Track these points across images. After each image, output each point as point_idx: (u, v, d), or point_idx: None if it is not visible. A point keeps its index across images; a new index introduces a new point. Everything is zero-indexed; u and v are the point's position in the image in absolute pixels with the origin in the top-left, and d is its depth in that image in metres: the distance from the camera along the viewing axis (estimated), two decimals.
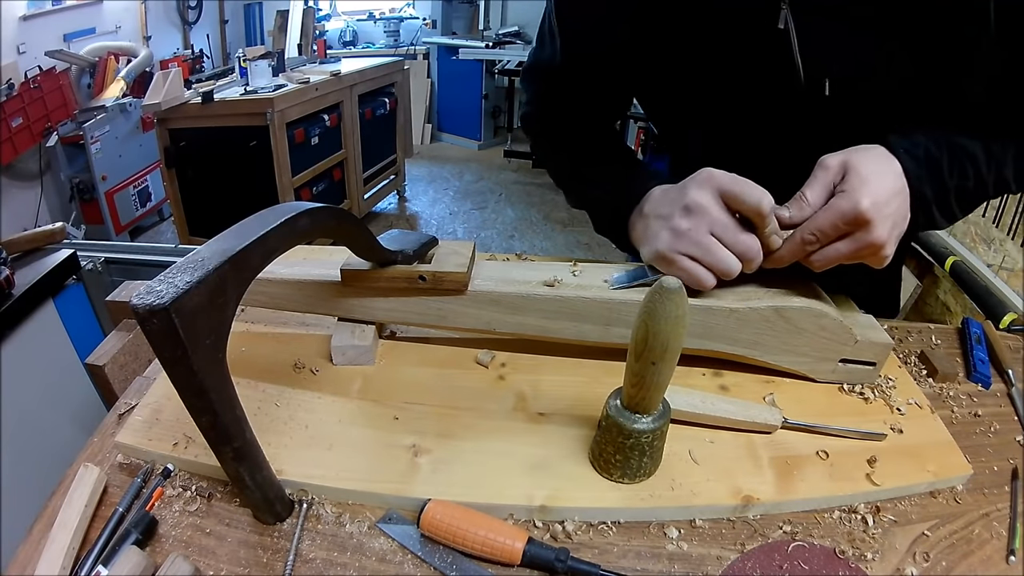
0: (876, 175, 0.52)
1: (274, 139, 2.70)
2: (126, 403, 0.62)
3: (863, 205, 0.50)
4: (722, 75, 0.65)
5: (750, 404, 0.57)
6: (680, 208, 0.56)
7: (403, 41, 5.38)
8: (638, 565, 0.47)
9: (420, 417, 0.58)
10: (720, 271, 0.55)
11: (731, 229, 0.55)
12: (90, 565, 0.44)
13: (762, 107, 0.65)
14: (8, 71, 3.01)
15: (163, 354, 0.37)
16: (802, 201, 0.54)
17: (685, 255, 0.56)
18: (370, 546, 0.48)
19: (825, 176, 0.53)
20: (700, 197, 0.55)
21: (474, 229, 3.85)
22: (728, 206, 0.55)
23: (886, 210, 0.52)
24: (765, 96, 0.64)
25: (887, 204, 0.52)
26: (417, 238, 0.63)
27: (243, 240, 0.41)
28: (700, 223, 0.55)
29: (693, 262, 0.56)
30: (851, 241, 0.53)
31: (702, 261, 0.56)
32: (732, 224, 0.55)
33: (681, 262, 0.56)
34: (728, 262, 0.55)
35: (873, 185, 0.51)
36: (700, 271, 0.56)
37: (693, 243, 0.55)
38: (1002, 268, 1.43)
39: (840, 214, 0.51)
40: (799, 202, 0.54)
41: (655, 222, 0.59)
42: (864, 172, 0.52)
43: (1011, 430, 0.62)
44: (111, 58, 3.60)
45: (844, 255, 0.54)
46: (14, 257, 1.24)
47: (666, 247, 0.57)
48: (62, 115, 3.25)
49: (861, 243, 0.52)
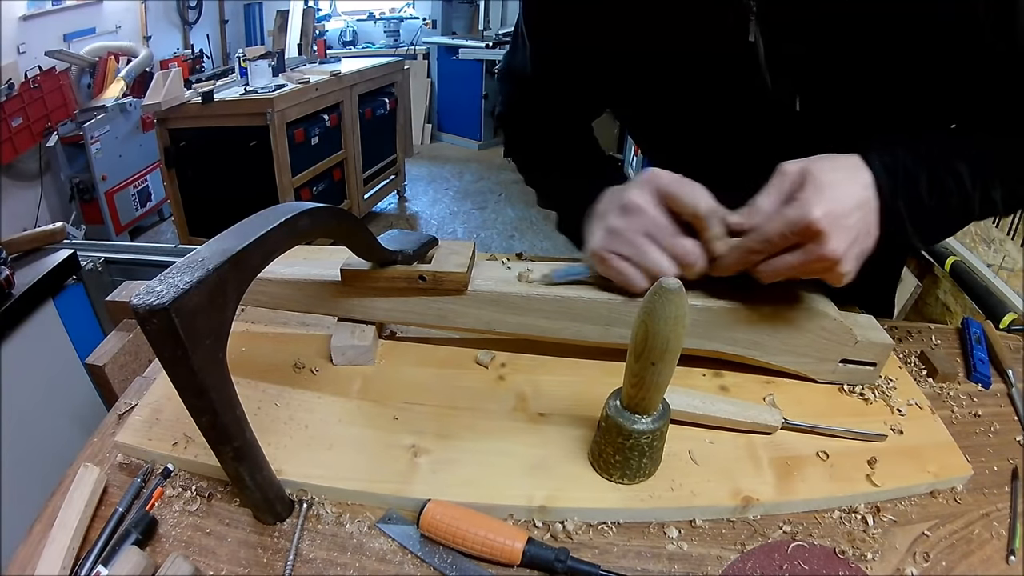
0: (837, 184, 0.48)
1: (274, 139, 2.70)
2: (126, 403, 0.62)
3: (814, 214, 0.46)
4: (693, 87, 0.63)
5: (750, 404, 0.57)
6: (617, 207, 0.55)
7: (403, 41, 5.38)
8: (638, 565, 0.47)
9: (420, 417, 0.58)
10: (652, 273, 0.54)
11: (667, 231, 0.53)
12: (90, 565, 0.44)
13: (734, 119, 0.64)
14: (8, 71, 3.01)
15: (163, 354, 0.37)
16: (753, 208, 0.51)
17: (617, 254, 0.55)
18: (370, 546, 0.48)
19: (782, 183, 0.50)
20: (638, 197, 0.53)
21: (474, 229, 3.85)
22: (668, 208, 0.53)
23: (844, 222, 0.48)
24: (736, 108, 0.63)
25: (846, 216, 0.48)
26: (417, 238, 0.63)
27: (243, 240, 0.41)
28: (634, 223, 0.53)
29: (625, 262, 0.55)
30: (802, 253, 0.49)
31: (634, 261, 0.54)
32: (669, 226, 0.53)
33: (612, 261, 0.55)
34: (660, 264, 0.53)
35: (830, 194, 0.47)
36: (631, 272, 0.54)
37: (626, 243, 0.54)
38: (1002, 268, 1.43)
39: (789, 223, 0.48)
40: (750, 208, 0.51)
41: (596, 221, 0.58)
42: (823, 180, 0.48)
43: (1011, 430, 0.61)
44: (111, 58, 3.60)
45: (793, 267, 0.50)
46: (14, 257, 1.24)
47: (599, 245, 0.55)
48: (62, 115, 3.25)
49: (812, 255, 0.48)
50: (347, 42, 5.40)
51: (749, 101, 0.61)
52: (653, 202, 0.53)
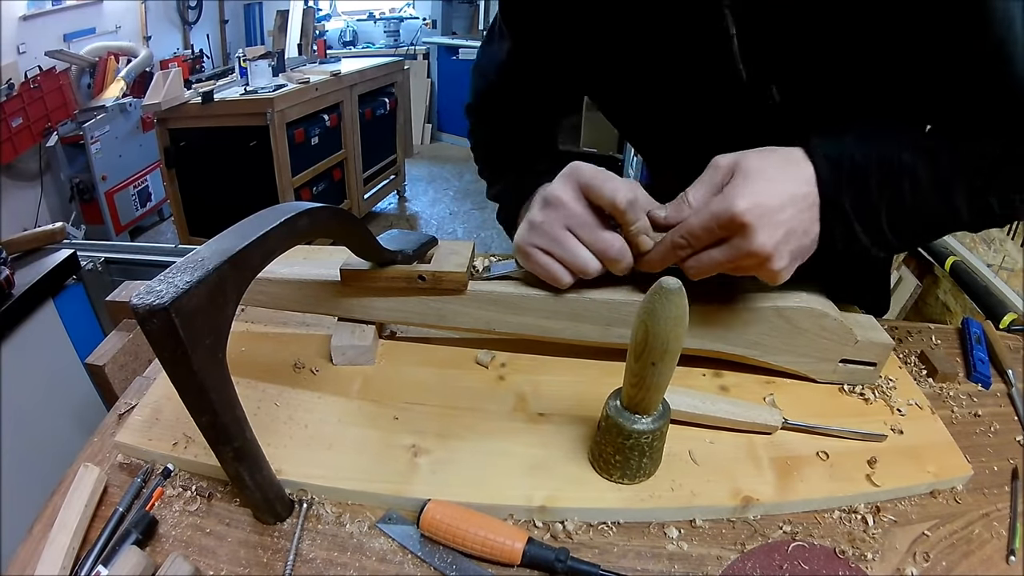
0: (768, 177, 0.46)
1: (274, 139, 2.70)
2: (126, 403, 0.62)
3: (738, 207, 0.45)
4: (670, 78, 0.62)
5: (750, 404, 0.57)
6: (539, 201, 0.54)
7: (403, 41, 5.37)
8: (638, 565, 0.47)
9: (420, 417, 0.58)
10: (575, 267, 0.53)
11: (588, 225, 0.52)
12: (90, 565, 0.44)
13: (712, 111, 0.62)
14: (8, 71, 3.01)
15: (163, 354, 0.37)
16: (682, 202, 0.49)
17: (539, 249, 0.54)
18: (370, 546, 0.48)
19: (713, 176, 0.49)
20: (560, 191, 0.52)
21: (474, 229, 3.85)
22: (590, 202, 0.52)
23: (775, 216, 0.46)
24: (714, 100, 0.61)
25: (777, 210, 0.46)
26: (417, 238, 0.63)
27: (243, 240, 0.41)
28: (555, 217, 0.52)
29: (547, 256, 0.54)
30: (728, 248, 0.47)
31: (556, 256, 0.54)
32: (591, 220, 0.52)
33: (535, 255, 0.54)
34: (583, 258, 0.52)
35: (759, 187, 0.46)
36: (554, 266, 0.54)
37: (547, 237, 0.53)
38: (1002, 268, 1.43)
39: (712, 216, 0.46)
40: (679, 202, 0.50)
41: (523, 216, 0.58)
42: (752, 172, 0.46)
43: (1011, 430, 0.62)
44: (111, 58, 3.60)
45: (720, 263, 0.48)
46: (14, 257, 1.24)
47: (521, 240, 0.55)
48: (62, 115, 3.25)
49: (739, 251, 0.47)
50: (347, 42, 5.40)
51: (726, 92, 0.59)
52: (574, 196, 0.52)
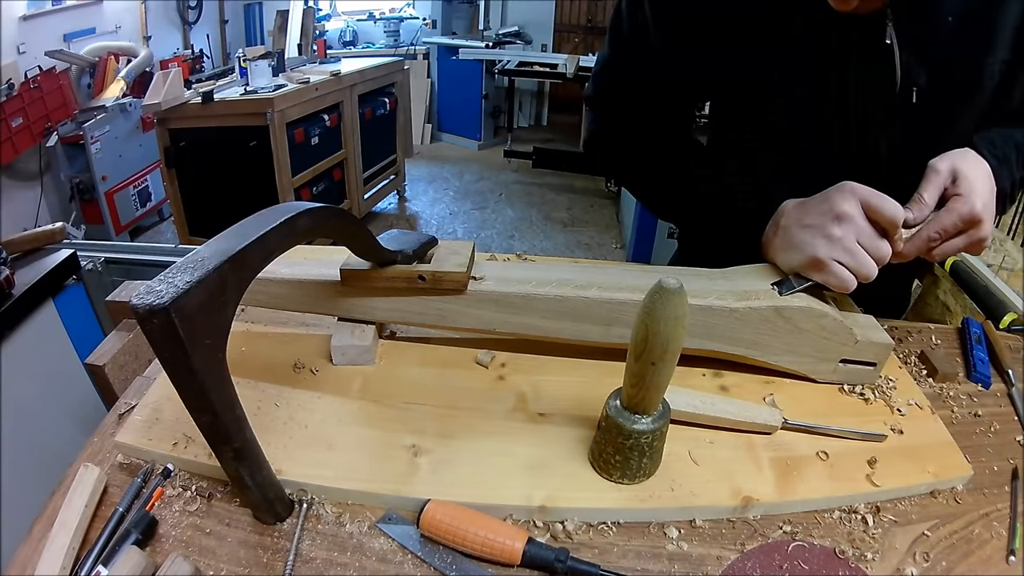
0: (979, 179, 0.60)
1: (274, 139, 2.70)
2: (126, 403, 0.62)
3: (978, 207, 0.58)
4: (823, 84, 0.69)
5: (750, 404, 0.57)
6: (832, 218, 0.60)
7: (403, 41, 5.37)
8: (638, 565, 0.47)
9: (420, 417, 0.58)
10: (862, 275, 0.59)
11: (871, 236, 0.60)
12: (90, 565, 0.44)
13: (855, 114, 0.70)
14: (8, 71, 3.01)
15: (163, 354, 0.37)
16: (921, 203, 0.60)
17: (836, 261, 0.60)
18: (370, 546, 0.48)
19: (938, 179, 0.60)
20: (849, 208, 0.59)
21: (474, 229, 3.85)
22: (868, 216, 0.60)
23: (990, 208, 0.60)
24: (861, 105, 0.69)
25: (990, 203, 0.60)
26: (417, 238, 0.63)
27: (243, 240, 0.41)
28: (850, 231, 0.59)
29: (842, 267, 0.60)
30: (966, 237, 0.60)
31: (848, 265, 0.59)
32: (872, 232, 0.60)
33: (833, 267, 0.59)
34: (870, 267, 0.59)
35: (979, 188, 0.59)
36: (847, 275, 0.59)
37: (845, 250, 0.59)
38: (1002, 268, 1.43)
39: (960, 216, 0.59)
40: (919, 204, 0.60)
41: (803, 232, 0.62)
42: (972, 177, 0.59)
43: (1011, 430, 0.62)
44: (111, 58, 3.60)
45: (959, 248, 0.61)
46: (14, 257, 1.24)
47: (824, 254, 0.60)
48: (62, 115, 3.25)
49: (973, 239, 0.60)
50: (347, 42, 5.40)
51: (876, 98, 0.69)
52: (860, 211, 0.60)
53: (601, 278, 0.62)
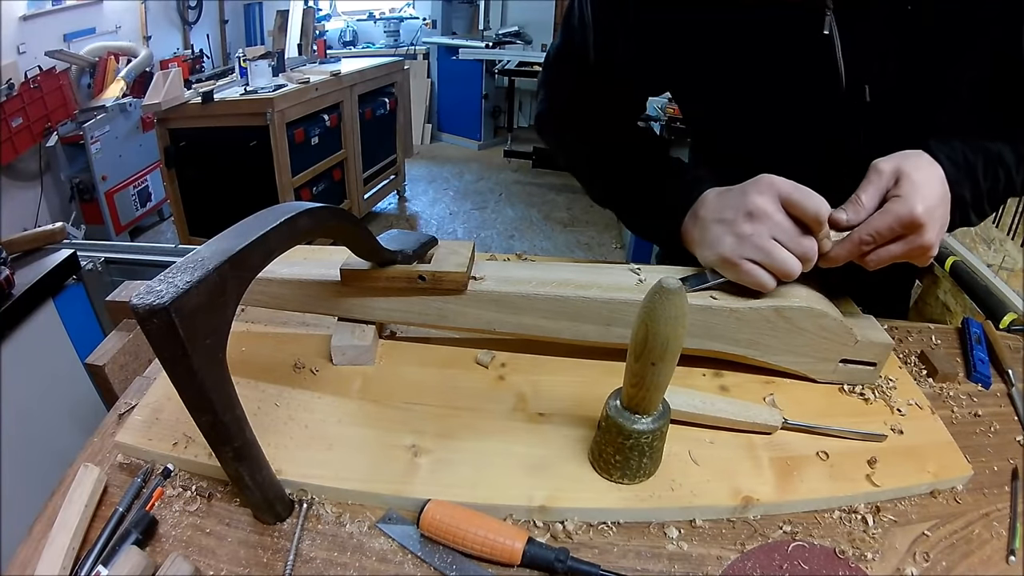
0: (926, 181, 0.55)
1: (274, 139, 2.70)
2: (126, 403, 0.62)
3: (918, 210, 0.53)
4: (762, 77, 0.66)
5: (750, 404, 0.57)
6: (743, 213, 0.57)
7: (403, 41, 5.37)
8: (638, 565, 0.47)
9: (420, 417, 0.58)
10: (781, 273, 0.57)
11: (791, 233, 0.56)
12: (90, 565, 0.44)
13: (800, 109, 0.67)
14: (8, 71, 3.01)
15: (163, 354, 0.37)
16: (858, 204, 0.56)
17: (748, 259, 0.57)
18: (370, 546, 0.48)
19: (879, 180, 0.56)
20: (763, 203, 0.56)
21: (474, 229, 3.85)
22: (787, 211, 0.57)
23: (935, 213, 0.55)
24: (804, 99, 0.66)
25: (936, 208, 0.55)
26: (417, 238, 0.63)
27: (243, 240, 0.41)
28: (763, 228, 0.56)
29: (756, 265, 0.57)
30: (904, 243, 0.55)
31: (764, 264, 0.57)
32: (792, 228, 0.56)
33: (744, 266, 0.57)
34: (789, 264, 0.56)
35: (925, 191, 0.54)
36: (763, 274, 0.57)
37: (756, 247, 0.57)
38: (1002, 268, 1.43)
39: (897, 218, 0.54)
40: (855, 205, 0.56)
41: (716, 227, 0.60)
42: (916, 179, 0.55)
43: (1011, 430, 0.61)
44: (111, 58, 3.60)
45: (896, 255, 0.56)
46: (14, 257, 1.24)
47: (730, 251, 0.58)
48: (62, 115, 3.25)
49: (913, 245, 0.55)
50: (347, 42, 5.40)
51: (819, 91, 0.65)
52: (777, 207, 0.56)
53: (601, 278, 0.62)
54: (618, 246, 3.60)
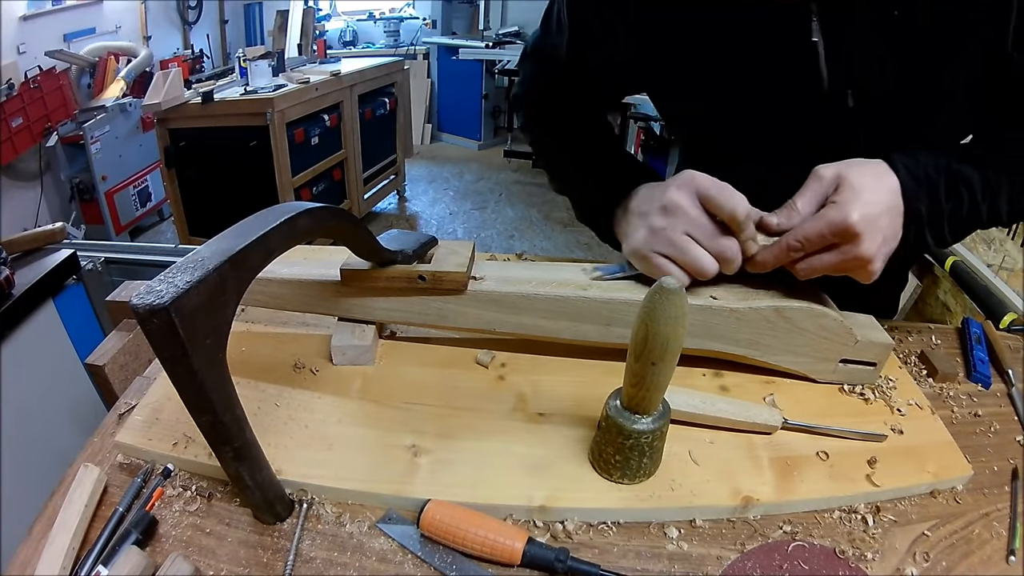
0: (870, 189, 0.52)
1: (274, 139, 2.70)
2: (126, 403, 0.62)
3: (852, 218, 0.50)
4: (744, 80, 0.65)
5: (750, 404, 0.57)
6: (658, 207, 0.56)
7: (403, 41, 5.37)
8: (638, 565, 0.47)
9: (420, 417, 0.58)
10: (694, 270, 0.56)
11: (707, 230, 0.55)
12: (90, 565, 0.44)
13: (781, 113, 0.66)
14: (8, 71, 3.01)
15: (163, 354, 0.37)
16: (792, 209, 0.54)
17: (659, 253, 0.56)
18: (370, 546, 0.48)
19: (818, 186, 0.54)
20: (678, 197, 0.55)
21: (474, 229, 3.85)
22: (707, 209, 0.55)
23: (877, 224, 0.52)
24: (785, 103, 0.65)
25: (878, 219, 0.52)
26: (417, 238, 0.63)
27: (243, 240, 0.41)
28: (676, 223, 0.55)
29: (666, 260, 0.56)
30: (838, 253, 0.53)
31: (676, 260, 0.56)
32: (709, 226, 0.55)
33: (654, 259, 0.57)
34: (702, 261, 0.55)
35: (865, 198, 0.51)
36: (673, 269, 0.56)
37: (667, 242, 0.56)
38: (1002, 268, 1.43)
39: (828, 224, 0.51)
40: (789, 210, 0.54)
41: (635, 219, 0.60)
42: (857, 185, 0.52)
43: (1011, 430, 0.61)
44: (111, 58, 3.60)
45: (829, 266, 0.53)
46: (14, 257, 1.24)
47: (641, 244, 0.57)
48: (62, 115, 3.25)
49: (848, 255, 0.52)
50: (347, 42, 5.40)
51: (803, 95, 0.63)
52: (693, 203, 0.55)
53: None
54: None
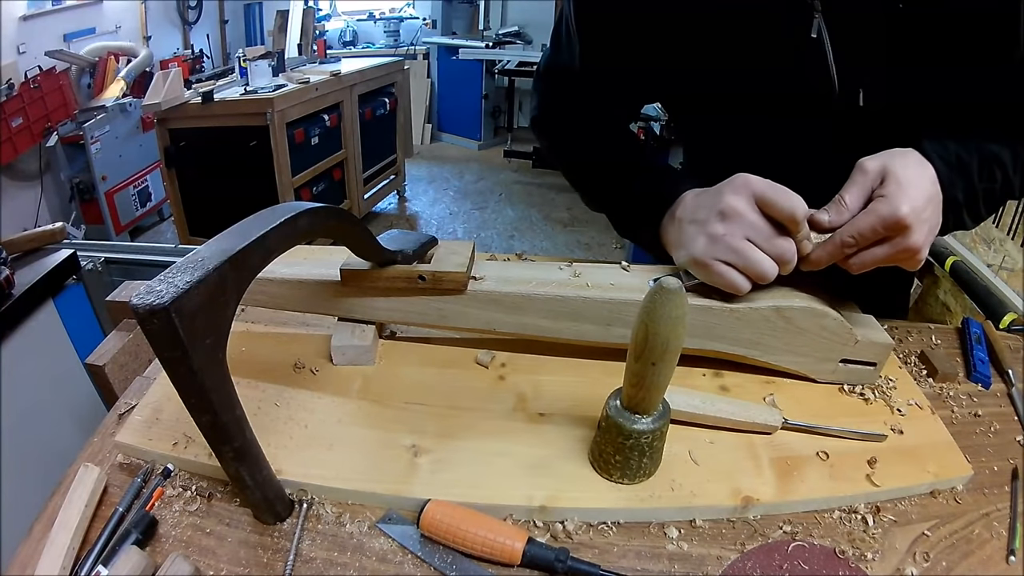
0: (914, 181, 0.52)
1: (274, 139, 2.70)
2: (126, 403, 0.62)
3: (903, 211, 0.51)
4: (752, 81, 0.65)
5: (750, 404, 0.57)
6: (716, 213, 0.56)
7: (403, 41, 5.37)
8: (638, 565, 0.47)
9: (420, 417, 0.58)
10: (756, 275, 0.55)
11: (766, 234, 0.55)
12: (90, 565, 0.44)
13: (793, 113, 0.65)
14: (8, 71, 3.01)
15: (163, 354, 0.37)
16: (841, 205, 0.54)
17: (721, 260, 0.56)
18: (370, 546, 0.48)
19: (864, 180, 0.54)
20: (736, 203, 0.55)
21: (474, 229, 3.85)
22: (763, 211, 0.55)
23: (923, 215, 0.52)
24: (796, 103, 0.64)
25: (924, 210, 0.52)
26: (417, 238, 0.63)
27: (243, 240, 0.41)
28: (736, 228, 0.55)
29: (728, 267, 0.56)
30: (889, 246, 0.53)
31: (737, 266, 0.55)
32: (767, 229, 0.55)
33: (716, 267, 0.56)
34: (764, 265, 0.55)
35: (911, 191, 0.52)
36: (735, 276, 0.56)
37: (729, 248, 0.55)
38: (1002, 268, 1.43)
39: (880, 219, 0.52)
40: (838, 206, 0.54)
41: (690, 227, 0.59)
42: (902, 178, 0.52)
43: (1011, 430, 0.61)
44: (111, 58, 3.60)
45: (881, 259, 0.54)
46: (14, 257, 1.24)
47: (702, 252, 0.57)
48: (62, 115, 3.25)
49: (899, 248, 0.53)
50: (347, 42, 5.40)
51: (812, 95, 0.63)
52: (751, 206, 0.55)
53: (601, 278, 0.62)
54: (618, 246, 3.60)
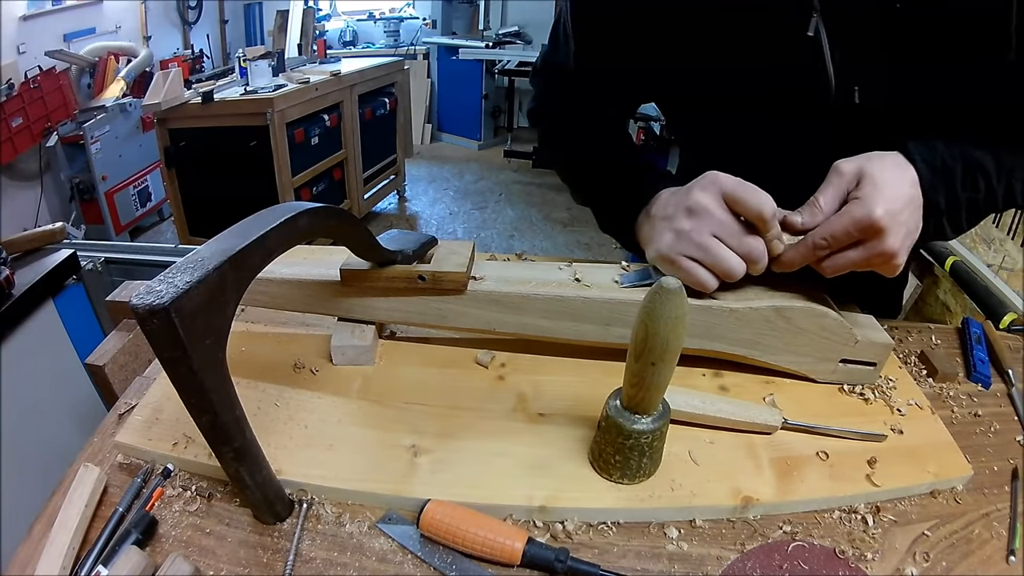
0: (891, 183, 0.52)
1: (274, 139, 2.70)
2: (126, 403, 0.62)
3: (877, 213, 0.50)
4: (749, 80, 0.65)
5: (750, 404, 0.57)
6: (683, 210, 0.56)
7: (403, 41, 5.37)
8: (638, 565, 0.47)
9: (420, 417, 0.58)
10: (722, 271, 0.55)
11: (734, 231, 0.54)
12: (90, 565, 0.44)
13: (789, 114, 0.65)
14: (8, 71, 3.01)
15: (163, 354, 0.37)
16: (815, 207, 0.54)
17: (686, 256, 0.56)
18: (370, 546, 0.48)
19: (840, 182, 0.53)
20: (703, 199, 0.55)
21: (474, 229, 3.85)
22: (732, 209, 0.55)
23: (899, 218, 0.51)
24: (792, 102, 0.64)
25: (900, 213, 0.52)
26: (417, 238, 0.63)
27: (243, 240, 0.41)
28: (702, 225, 0.55)
29: (694, 263, 0.56)
30: (863, 249, 0.52)
31: (703, 262, 0.55)
32: (735, 226, 0.54)
33: (682, 263, 0.56)
34: (730, 263, 0.54)
35: (888, 193, 0.51)
36: (701, 272, 0.56)
37: (694, 244, 0.55)
38: (1002, 268, 1.43)
39: (853, 221, 0.51)
40: (812, 207, 0.54)
41: (660, 223, 0.59)
42: (879, 180, 0.51)
43: (1011, 430, 0.61)
44: (111, 58, 3.60)
45: (855, 262, 0.53)
46: (14, 257, 1.24)
47: (668, 248, 0.57)
48: (62, 115, 3.25)
49: (873, 251, 0.52)
50: (347, 42, 5.40)
51: (809, 94, 0.62)
52: (719, 204, 0.54)
53: (601, 278, 0.62)
54: (618, 246, 3.59)
